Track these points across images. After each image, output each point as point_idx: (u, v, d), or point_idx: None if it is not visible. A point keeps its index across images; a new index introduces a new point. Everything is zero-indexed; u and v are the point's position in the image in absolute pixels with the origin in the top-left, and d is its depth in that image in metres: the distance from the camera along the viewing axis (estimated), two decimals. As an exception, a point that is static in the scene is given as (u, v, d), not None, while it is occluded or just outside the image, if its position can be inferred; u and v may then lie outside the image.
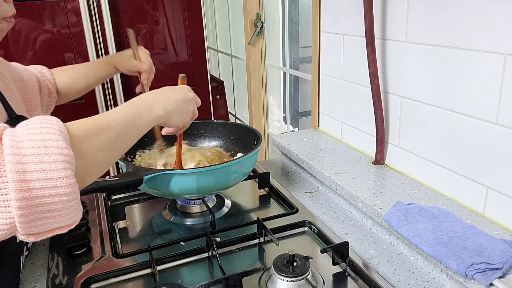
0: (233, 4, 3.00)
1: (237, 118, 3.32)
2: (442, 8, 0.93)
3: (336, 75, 1.35)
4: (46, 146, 0.47)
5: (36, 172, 0.46)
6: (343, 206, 1.11)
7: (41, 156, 0.47)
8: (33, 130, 0.48)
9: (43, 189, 0.46)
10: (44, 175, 0.46)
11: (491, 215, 0.90)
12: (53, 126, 0.50)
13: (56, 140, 0.48)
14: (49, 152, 0.47)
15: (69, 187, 0.48)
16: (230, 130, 1.24)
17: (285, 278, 0.78)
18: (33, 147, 0.47)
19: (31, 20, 1.80)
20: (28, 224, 0.47)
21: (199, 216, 1.08)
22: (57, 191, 0.47)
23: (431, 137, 1.02)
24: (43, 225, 0.48)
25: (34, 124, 0.49)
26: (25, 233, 0.48)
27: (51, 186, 0.47)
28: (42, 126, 0.49)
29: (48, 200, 0.47)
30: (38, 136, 0.48)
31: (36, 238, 0.49)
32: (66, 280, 0.85)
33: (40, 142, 0.47)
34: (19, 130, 0.49)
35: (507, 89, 0.82)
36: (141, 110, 0.69)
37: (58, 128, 0.50)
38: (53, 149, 0.47)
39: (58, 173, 0.47)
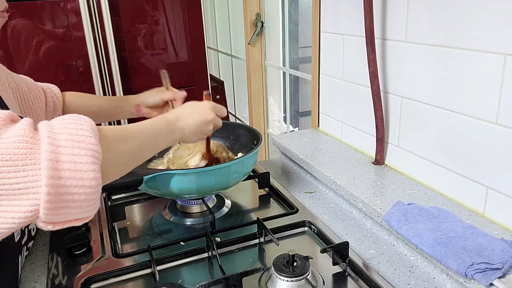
0: (233, 4, 3.00)
1: (237, 118, 3.32)
2: (442, 8, 0.93)
3: (336, 75, 1.35)
4: (79, 140, 0.51)
5: (68, 163, 0.49)
6: (343, 206, 1.11)
7: (74, 149, 0.50)
8: (69, 125, 0.53)
9: (71, 179, 0.50)
10: (74, 166, 0.50)
11: (491, 215, 0.90)
12: (87, 124, 0.54)
13: (88, 137, 0.52)
14: (81, 146, 0.51)
15: (94, 180, 0.51)
16: (230, 130, 1.24)
17: (285, 278, 0.78)
18: (67, 139, 0.51)
19: (31, 20, 1.80)
20: (52, 211, 0.49)
21: (199, 216, 1.08)
22: (83, 183, 0.50)
23: (431, 137, 1.02)
24: (64, 214, 0.51)
25: (70, 119, 0.54)
26: (46, 220, 0.50)
27: (79, 177, 0.50)
28: (77, 122, 0.54)
29: (74, 190, 0.50)
30: (73, 130, 0.52)
31: (54, 227, 0.52)
32: (66, 280, 0.85)
33: (75, 136, 0.51)
34: (56, 123, 0.53)
35: (507, 89, 0.82)
36: (162, 130, 0.75)
37: (91, 127, 0.54)
38: (85, 144, 0.51)
39: (86, 166, 0.51)
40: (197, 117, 0.83)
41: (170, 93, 1.09)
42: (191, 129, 0.82)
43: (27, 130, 0.49)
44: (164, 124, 0.76)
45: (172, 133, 0.77)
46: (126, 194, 1.21)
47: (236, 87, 3.22)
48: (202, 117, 0.84)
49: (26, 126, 0.50)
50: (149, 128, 0.71)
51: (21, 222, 0.49)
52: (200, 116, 0.84)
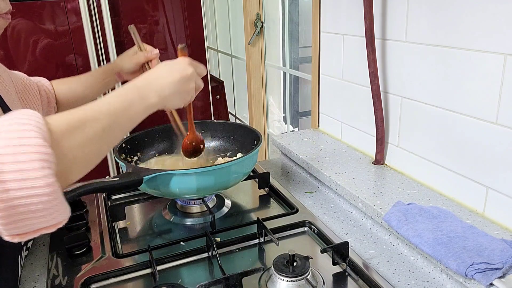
0: (233, 4, 3.00)
1: (237, 118, 3.32)
2: (442, 8, 0.93)
3: (336, 75, 1.35)
4: (22, 144, 0.45)
5: (12, 173, 0.44)
6: (343, 206, 1.11)
7: (17, 155, 0.44)
8: (9, 127, 0.46)
9: (21, 190, 0.44)
10: (20, 176, 0.44)
11: (491, 215, 0.90)
12: (31, 122, 0.47)
13: (32, 138, 0.46)
14: (25, 150, 0.45)
15: (48, 187, 0.46)
16: (230, 130, 1.24)
17: (285, 278, 0.78)
18: (8, 145, 0.44)
19: (31, 20, 1.80)
20: (9, 225, 0.45)
21: (199, 216, 1.08)
22: (36, 192, 0.45)
23: (431, 137, 1.02)
24: (25, 226, 0.46)
25: (12, 120, 0.47)
26: (9, 234, 0.46)
27: (29, 186, 0.44)
28: (19, 123, 0.46)
29: (28, 201, 0.45)
30: (14, 133, 0.45)
31: (22, 238, 0.48)
32: (66, 280, 0.85)
33: (16, 140, 0.45)
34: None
35: (507, 89, 0.82)
36: (133, 98, 0.65)
37: (35, 124, 0.47)
38: (29, 147, 0.45)
39: (35, 173, 0.44)
40: (175, 74, 0.73)
41: (142, 54, 1.03)
42: (171, 89, 0.71)
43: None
44: (133, 90, 0.66)
45: (145, 97, 0.67)
46: (126, 194, 1.21)
47: (236, 87, 3.22)
48: (180, 73, 0.74)
49: None
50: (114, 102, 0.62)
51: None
52: (178, 72, 0.74)
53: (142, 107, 0.66)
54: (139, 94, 0.66)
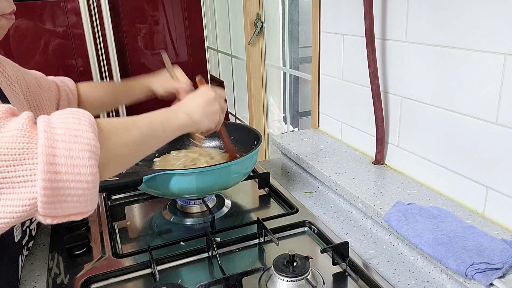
0: (233, 4, 3.00)
1: (237, 118, 3.32)
2: (442, 8, 0.93)
3: (336, 75, 1.35)
4: (77, 135, 0.51)
5: (64, 158, 0.50)
6: (343, 206, 1.11)
7: (71, 143, 0.51)
8: (66, 120, 0.53)
9: (68, 174, 0.50)
10: (70, 162, 0.50)
11: (491, 215, 0.90)
12: (85, 118, 0.54)
13: (86, 131, 0.52)
14: (79, 141, 0.51)
15: (91, 176, 0.52)
16: (230, 130, 1.24)
17: (285, 278, 0.78)
18: (64, 134, 0.51)
19: (31, 20, 1.80)
20: (49, 205, 0.50)
21: (199, 216, 1.08)
22: (80, 178, 0.51)
23: (431, 137, 1.02)
24: (62, 208, 0.51)
25: (68, 114, 0.54)
26: (44, 214, 0.51)
27: (76, 172, 0.50)
28: (75, 117, 0.53)
29: (71, 185, 0.50)
30: (70, 125, 0.52)
31: (53, 221, 0.53)
32: (66, 280, 0.85)
33: (72, 131, 0.52)
34: (54, 118, 0.53)
35: (507, 89, 0.82)
36: (168, 116, 0.75)
37: (89, 121, 0.54)
38: (82, 138, 0.52)
39: (83, 161, 0.51)
40: (199, 98, 0.84)
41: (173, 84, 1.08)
42: (199, 112, 0.82)
43: (25, 124, 0.50)
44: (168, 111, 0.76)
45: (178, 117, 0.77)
46: (126, 194, 1.21)
47: (236, 87, 3.22)
48: (204, 97, 0.85)
49: (24, 120, 0.50)
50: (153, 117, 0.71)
51: (19, 216, 0.50)
52: (201, 97, 0.84)
53: (176, 124, 0.76)
54: (172, 114, 0.77)
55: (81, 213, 0.54)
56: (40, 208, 0.50)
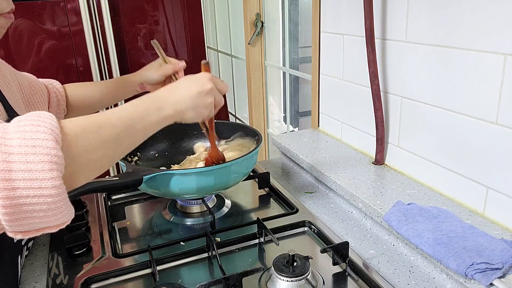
0: (233, 4, 3.00)
1: (237, 118, 3.32)
2: (442, 8, 0.93)
3: (336, 75, 1.35)
4: (34, 145, 0.46)
5: (22, 172, 0.45)
6: (343, 206, 1.11)
7: (28, 155, 0.46)
8: (23, 128, 0.47)
9: (28, 189, 0.46)
10: (29, 175, 0.45)
11: (491, 215, 0.90)
12: (45, 124, 0.49)
13: (45, 140, 0.47)
14: (37, 152, 0.46)
15: (54, 189, 0.47)
16: (230, 130, 1.24)
17: (285, 278, 0.78)
18: (21, 145, 0.46)
19: (31, 20, 1.80)
20: (13, 222, 0.47)
21: (199, 216, 1.08)
22: (42, 192, 0.46)
23: (431, 137, 1.02)
24: (29, 224, 0.48)
25: (26, 121, 0.48)
26: (12, 230, 0.48)
27: (36, 187, 0.46)
28: (33, 124, 0.48)
29: (33, 201, 0.46)
30: (27, 134, 0.47)
31: (25, 236, 0.49)
32: (66, 280, 0.85)
33: (29, 141, 0.46)
34: (11, 127, 0.48)
35: (507, 89, 0.82)
36: (149, 109, 0.66)
37: (49, 127, 0.48)
38: (41, 148, 0.46)
39: (43, 174, 0.46)
40: (192, 87, 0.74)
41: (169, 67, 1.03)
42: (188, 103, 0.72)
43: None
44: (151, 100, 0.67)
45: (162, 108, 0.67)
46: (126, 194, 1.21)
47: (236, 87, 3.22)
48: (199, 88, 0.74)
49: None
50: (132, 110, 0.63)
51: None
52: (196, 86, 0.74)
53: (157, 118, 0.67)
54: (156, 105, 0.67)
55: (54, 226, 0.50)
56: (5, 226, 0.47)
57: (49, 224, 0.49)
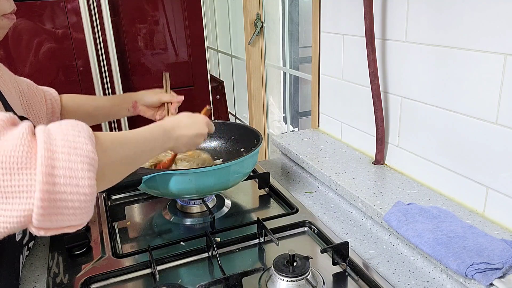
0: (233, 4, 3.00)
1: (237, 118, 3.32)
2: (442, 8, 0.93)
3: (336, 75, 1.35)
4: (76, 147, 0.51)
5: (63, 169, 0.49)
6: (343, 206, 1.11)
7: (70, 155, 0.50)
8: (66, 131, 0.53)
9: (66, 186, 0.49)
10: (69, 173, 0.50)
11: (491, 215, 0.90)
12: (84, 130, 0.54)
13: (85, 144, 0.52)
14: (78, 153, 0.51)
15: (89, 188, 0.51)
16: (230, 130, 1.24)
17: (285, 278, 0.78)
18: (64, 146, 0.51)
19: (31, 20, 1.80)
20: (44, 217, 0.49)
21: (199, 216, 1.08)
22: (78, 190, 0.50)
23: (431, 137, 1.02)
24: (57, 220, 0.51)
25: (68, 126, 0.54)
26: (39, 226, 0.50)
27: (74, 184, 0.50)
28: (74, 129, 0.53)
29: (68, 197, 0.50)
30: (70, 137, 0.52)
31: (46, 233, 0.52)
32: (66, 280, 0.85)
33: (72, 143, 0.51)
34: (53, 129, 0.52)
35: (507, 89, 0.82)
36: (158, 136, 0.76)
37: (88, 133, 0.54)
38: (82, 151, 0.51)
39: (82, 173, 0.51)
40: (193, 129, 0.86)
41: (168, 96, 1.11)
42: (185, 140, 0.84)
43: (25, 133, 0.49)
44: (161, 131, 0.78)
45: (167, 141, 0.79)
46: (126, 194, 1.21)
47: (236, 87, 3.22)
48: (198, 130, 0.87)
49: (24, 130, 0.50)
50: (147, 135, 0.72)
51: (12, 227, 0.49)
52: (195, 129, 0.86)
53: (161, 147, 0.78)
54: (163, 135, 0.78)
55: (75, 226, 0.54)
56: (35, 220, 0.49)
57: (73, 223, 0.53)
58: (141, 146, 0.69)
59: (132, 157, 0.66)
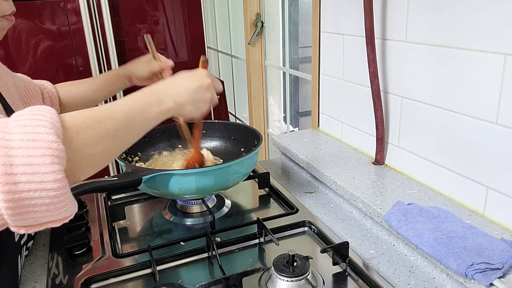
0: (233, 4, 3.00)
1: (237, 118, 3.32)
2: (442, 8, 0.93)
3: (336, 75, 1.35)
4: (35, 139, 0.46)
5: (23, 166, 0.45)
6: (343, 206, 1.11)
7: (29, 149, 0.45)
8: (24, 122, 0.47)
9: (29, 183, 0.45)
10: (30, 169, 0.45)
11: (491, 215, 0.90)
12: (45, 118, 0.48)
13: (46, 134, 0.47)
14: (37, 145, 0.46)
15: (56, 183, 0.47)
16: (230, 130, 1.24)
17: (285, 278, 0.78)
18: (22, 139, 0.46)
19: (31, 20, 1.80)
20: (15, 217, 0.47)
21: (199, 216, 1.08)
22: (44, 186, 0.46)
23: (431, 137, 1.02)
24: (31, 218, 0.48)
25: (27, 115, 0.48)
26: (15, 225, 0.48)
27: (37, 180, 0.46)
28: (34, 118, 0.48)
29: (35, 195, 0.46)
30: (28, 128, 0.47)
31: (28, 230, 0.49)
32: (66, 280, 0.85)
33: (30, 135, 0.46)
34: (11, 121, 0.48)
35: (507, 89, 0.82)
36: (149, 101, 0.66)
37: (50, 121, 0.48)
38: (42, 142, 0.46)
39: (45, 167, 0.46)
40: (192, 82, 0.74)
41: (157, 64, 1.05)
42: (186, 97, 0.72)
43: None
44: (150, 94, 0.67)
45: (162, 102, 0.68)
46: (126, 194, 1.21)
47: (236, 87, 3.22)
48: (198, 82, 0.75)
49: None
50: (132, 103, 0.63)
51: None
52: (195, 81, 0.75)
53: (157, 111, 0.67)
54: (156, 98, 0.67)
55: (58, 221, 0.50)
56: (8, 220, 0.47)
57: (52, 219, 0.49)
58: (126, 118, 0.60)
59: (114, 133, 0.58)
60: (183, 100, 0.72)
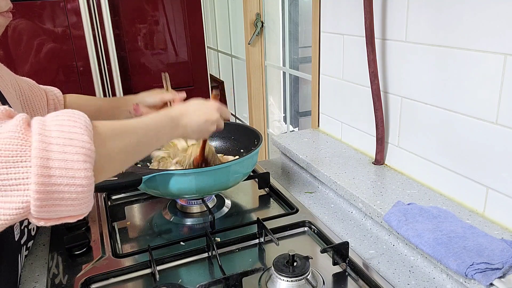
0: (233, 4, 3.00)
1: (237, 118, 3.32)
2: (442, 8, 0.93)
3: (336, 75, 1.35)
4: (71, 138, 0.51)
5: (58, 161, 0.49)
6: (343, 206, 1.11)
7: (65, 146, 0.50)
8: (61, 122, 0.52)
9: (62, 178, 0.49)
10: (64, 165, 0.49)
11: (491, 215, 0.90)
12: (81, 120, 0.53)
13: (81, 134, 0.51)
14: (73, 144, 0.50)
15: (85, 179, 0.51)
16: (230, 130, 1.24)
17: (285, 278, 0.78)
18: (59, 137, 0.50)
19: (31, 20, 1.80)
20: (42, 208, 0.49)
21: (199, 216, 1.08)
22: (74, 182, 0.50)
23: (431, 137, 1.02)
24: (55, 211, 0.51)
25: (64, 116, 0.53)
26: (38, 216, 0.50)
27: (70, 175, 0.49)
28: (70, 119, 0.53)
29: (65, 189, 0.50)
30: (65, 128, 0.51)
31: (46, 223, 0.52)
32: (66, 280, 0.85)
33: (67, 133, 0.51)
34: (49, 120, 0.52)
35: (507, 89, 0.82)
36: (165, 124, 0.74)
37: (84, 124, 0.53)
38: (77, 141, 0.51)
39: (78, 164, 0.50)
40: (202, 115, 0.83)
41: (169, 94, 1.10)
42: (194, 127, 0.81)
43: (20, 126, 0.49)
44: (167, 118, 0.76)
45: (175, 128, 0.77)
46: (126, 194, 1.21)
47: (236, 87, 3.22)
48: (207, 116, 0.84)
49: (19, 122, 0.49)
50: (151, 123, 0.71)
51: (13, 218, 0.49)
52: (205, 115, 0.83)
53: (169, 134, 0.77)
54: (170, 123, 0.76)
55: (75, 216, 0.54)
56: (33, 211, 0.49)
57: (73, 213, 0.53)
58: (145, 134, 0.67)
59: (134, 146, 0.64)
60: (190, 130, 0.81)
